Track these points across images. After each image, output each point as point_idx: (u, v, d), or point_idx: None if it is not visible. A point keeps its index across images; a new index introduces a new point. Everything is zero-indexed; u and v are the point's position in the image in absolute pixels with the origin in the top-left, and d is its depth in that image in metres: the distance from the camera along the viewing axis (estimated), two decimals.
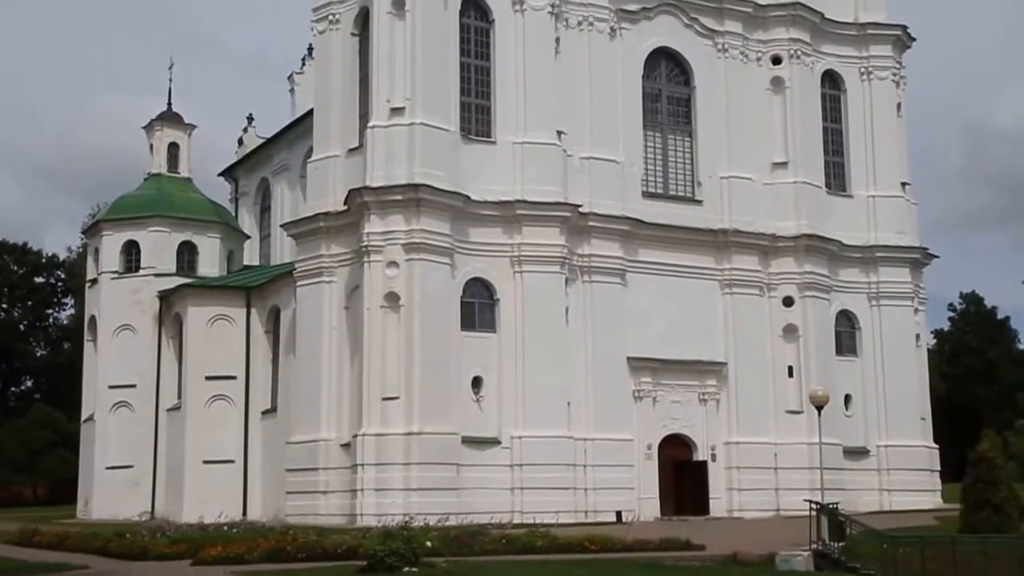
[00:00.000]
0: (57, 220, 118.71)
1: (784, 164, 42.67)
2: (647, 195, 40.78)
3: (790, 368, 41.49)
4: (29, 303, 76.76)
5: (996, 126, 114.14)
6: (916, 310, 45.18)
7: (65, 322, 76.92)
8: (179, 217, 47.56)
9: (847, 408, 42.99)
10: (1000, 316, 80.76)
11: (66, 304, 77.18)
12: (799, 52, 43.36)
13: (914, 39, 46.17)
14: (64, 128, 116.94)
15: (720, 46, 42.65)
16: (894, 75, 45.59)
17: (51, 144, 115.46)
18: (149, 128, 51.09)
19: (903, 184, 45.53)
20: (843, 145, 45.11)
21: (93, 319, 48.04)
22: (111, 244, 47.28)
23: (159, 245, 46.95)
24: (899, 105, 45.70)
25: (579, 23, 39.92)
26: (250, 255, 53.32)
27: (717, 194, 41.80)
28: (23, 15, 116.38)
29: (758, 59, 43.29)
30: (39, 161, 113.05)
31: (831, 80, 45.17)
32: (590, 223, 38.69)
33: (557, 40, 38.90)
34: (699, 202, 41.64)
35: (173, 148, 50.83)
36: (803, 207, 42.39)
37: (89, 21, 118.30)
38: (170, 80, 52.10)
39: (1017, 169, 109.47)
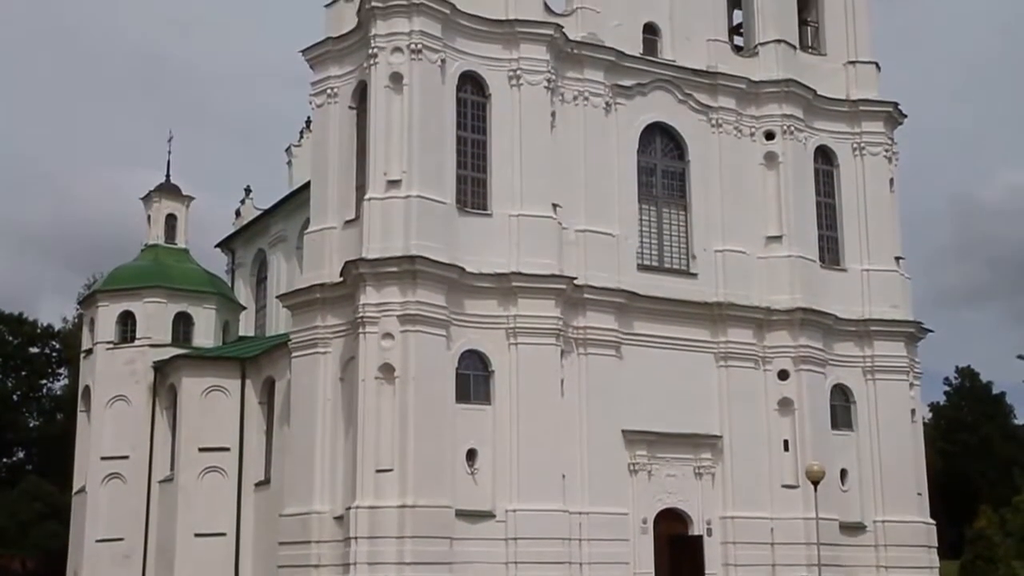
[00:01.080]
0: (50, 290, 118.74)
1: (778, 238, 42.92)
2: (642, 268, 40.95)
3: (785, 442, 41.31)
4: (23, 373, 76.43)
5: (985, 201, 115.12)
6: (911, 384, 45.11)
7: (59, 392, 76.53)
8: (175, 288, 47.63)
9: (843, 483, 42.72)
10: (995, 391, 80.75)
11: (60, 374, 76.89)
12: (792, 128, 43.84)
13: (905, 116, 46.71)
14: (57, 198, 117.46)
15: (714, 121, 43.14)
16: (886, 151, 46.05)
17: (44, 214, 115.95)
18: (147, 199, 51.37)
19: (897, 258, 45.74)
20: (836, 219, 45.40)
21: (87, 390, 47.86)
22: (107, 314, 47.26)
23: (155, 316, 46.94)
24: (891, 180, 46.09)
25: (575, 98, 40.40)
26: (246, 326, 53.33)
27: (712, 267, 41.99)
28: (15, 84, 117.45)
29: (752, 134, 43.76)
30: (32, 231, 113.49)
31: (824, 155, 45.60)
32: (585, 296, 38.80)
33: (553, 115, 39.34)
34: (694, 275, 41.81)
35: (171, 219, 51.06)
36: (797, 281, 42.55)
37: (82, 90, 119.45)
38: (169, 152, 52.50)
39: (1006, 244, 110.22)
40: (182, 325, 47.51)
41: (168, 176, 51.88)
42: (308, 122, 53.08)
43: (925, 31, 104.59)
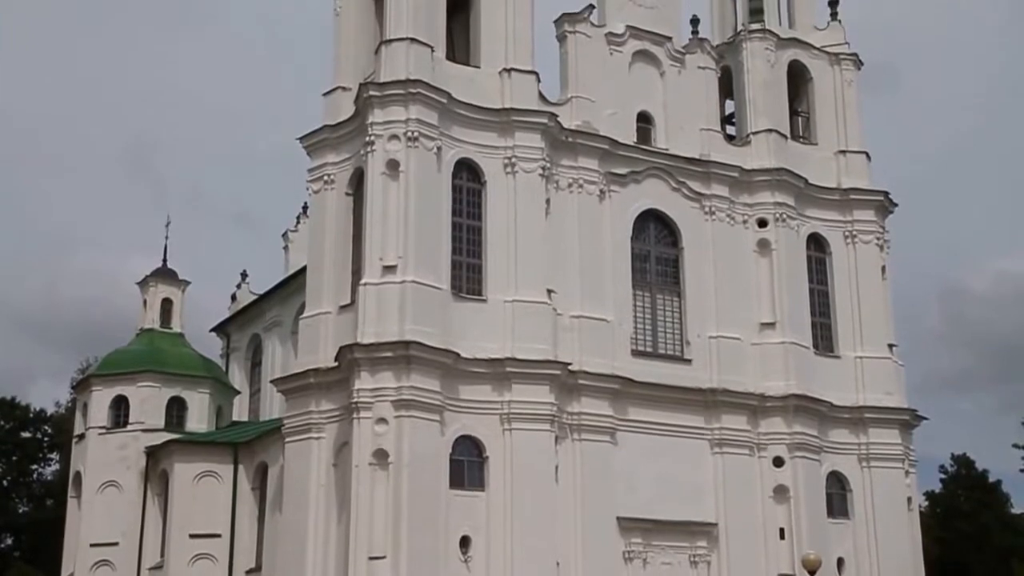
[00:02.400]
0: (43, 374, 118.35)
1: (772, 324, 43.08)
2: (636, 354, 41.00)
3: (781, 530, 41.02)
4: (14, 458, 75.73)
5: (973, 288, 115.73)
6: (907, 472, 44.94)
7: (49, 478, 75.86)
8: (170, 372, 47.62)
9: (840, 572, 42.29)
10: (992, 479, 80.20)
11: (52, 459, 76.20)
12: (784, 215, 44.28)
13: (896, 204, 47.23)
14: (50, 281, 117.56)
15: (707, 209, 43.56)
16: (878, 239, 46.46)
17: (36, 297, 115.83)
18: (143, 284, 51.61)
19: (890, 346, 45.88)
20: (829, 306, 45.62)
21: (78, 475, 47.52)
22: (100, 399, 47.15)
23: (148, 400, 46.86)
24: (883, 268, 46.43)
25: (569, 185, 40.84)
26: (239, 411, 53.19)
27: (706, 353, 42.06)
28: (6, 166, 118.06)
29: (744, 222, 44.17)
30: (24, 314, 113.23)
31: (816, 243, 46.00)
32: (580, 381, 38.80)
33: (548, 201, 39.72)
34: (688, 361, 41.86)
35: (166, 303, 51.24)
36: (791, 367, 42.60)
37: (75, 173, 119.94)
38: (166, 237, 52.92)
39: (996, 331, 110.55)
40: (176, 410, 47.41)
41: (165, 261, 52.19)
42: (305, 208, 53.59)
43: (914, 119, 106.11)
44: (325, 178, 39.60)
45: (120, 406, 46.98)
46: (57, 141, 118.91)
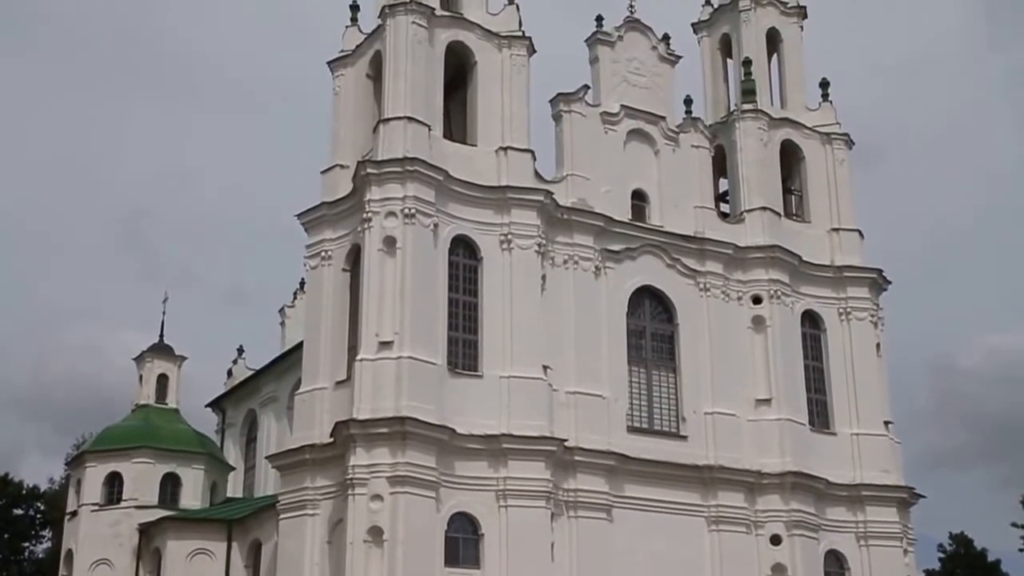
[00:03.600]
0: (36, 450, 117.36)
1: (767, 401, 43.08)
2: (632, 430, 40.95)
3: None
4: (6, 536, 75.11)
5: (964, 365, 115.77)
6: (906, 551, 44.59)
7: (41, 556, 75.12)
8: (164, 448, 47.45)
9: None
10: (991, 558, 79.52)
11: (44, 537, 75.56)
12: (779, 292, 44.52)
13: (890, 282, 47.52)
14: (41, 356, 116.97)
15: (702, 285, 43.81)
16: (872, 316, 46.66)
17: (27, 373, 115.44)
18: (140, 359, 51.67)
19: (886, 423, 45.82)
20: (825, 383, 45.62)
21: (70, 553, 47.10)
22: (94, 475, 46.92)
23: (142, 476, 46.63)
24: (878, 345, 46.55)
25: (565, 262, 41.13)
26: (234, 486, 52.89)
27: (702, 430, 42.00)
28: None
29: (739, 298, 44.40)
30: (15, 390, 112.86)
31: (811, 319, 46.17)
32: (576, 458, 38.70)
33: (543, 278, 39.97)
34: (684, 438, 41.78)
35: (162, 379, 51.27)
36: (788, 444, 42.50)
37: (66, 249, 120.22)
38: (163, 313, 53.13)
39: (989, 408, 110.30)
40: (170, 486, 47.17)
41: (162, 336, 52.32)
42: (302, 283, 53.82)
43: (904, 196, 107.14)
44: (323, 254, 39.91)
45: (114, 482, 46.74)
46: (50, 215, 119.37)
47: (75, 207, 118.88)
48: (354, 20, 43.68)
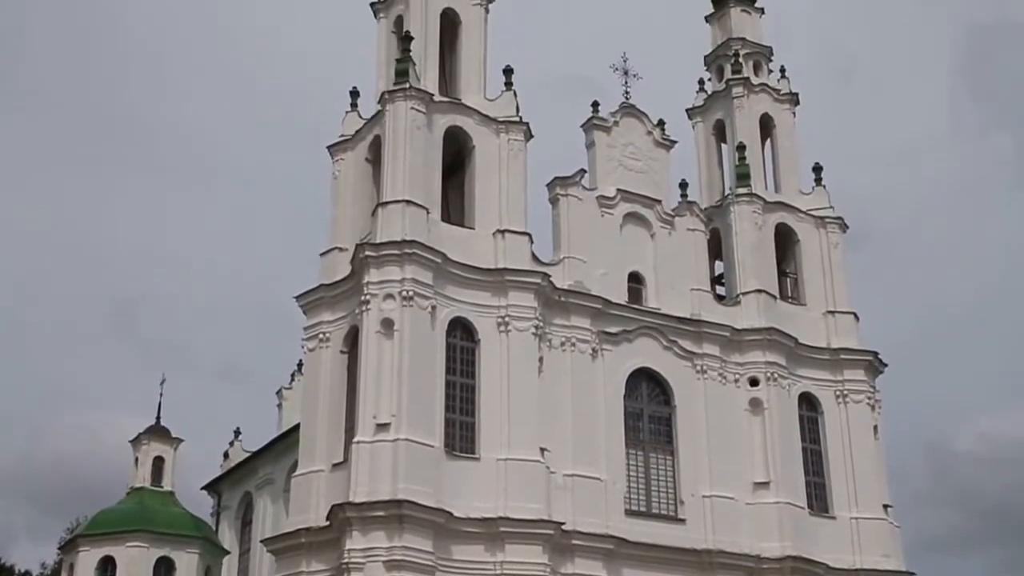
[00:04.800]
0: (26, 534, 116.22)
1: (766, 484, 42.88)
2: (630, 513, 40.70)
3: None
4: None
5: (960, 449, 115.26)
6: None
7: None
8: (159, 532, 47.15)
9: None
10: None
11: None
12: (776, 375, 44.58)
13: (886, 364, 47.59)
14: (32, 439, 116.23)
15: (699, 367, 43.88)
16: (869, 399, 46.64)
17: (19, 455, 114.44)
18: (136, 442, 51.51)
19: (885, 507, 45.56)
20: (823, 466, 45.43)
21: None
22: (87, 560, 46.57)
23: (136, 561, 46.28)
24: (875, 428, 46.47)
25: (562, 344, 41.25)
26: (229, 570, 52.39)
27: (700, 513, 41.74)
28: None
29: (736, 381, 44.43)
30: (6, 473, 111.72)
31: (808, 402, 46.15)
32: (573, 542, 38.40)
33: (541, 360, 40.05)
34: (682, 521, 41.51)
35: (158, 461, 51.10)
36: (787, 528, 42.21)
37: (58, 330, 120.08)
38: (160, 394, 53.12)
39: (984, 492, 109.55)
40: (164, 570, 46.84)
41: (158, 418, 52.22)
42: (299, 365, 53.84)
43: (899, 278, 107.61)
44: (321, 336, 40.04)
45: (107, 567, 46.41)
46: (41, 296, 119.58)
47: (67, 289, 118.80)
48: (354, 105, 44.42)
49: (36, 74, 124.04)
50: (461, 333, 39.60)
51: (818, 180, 50.94)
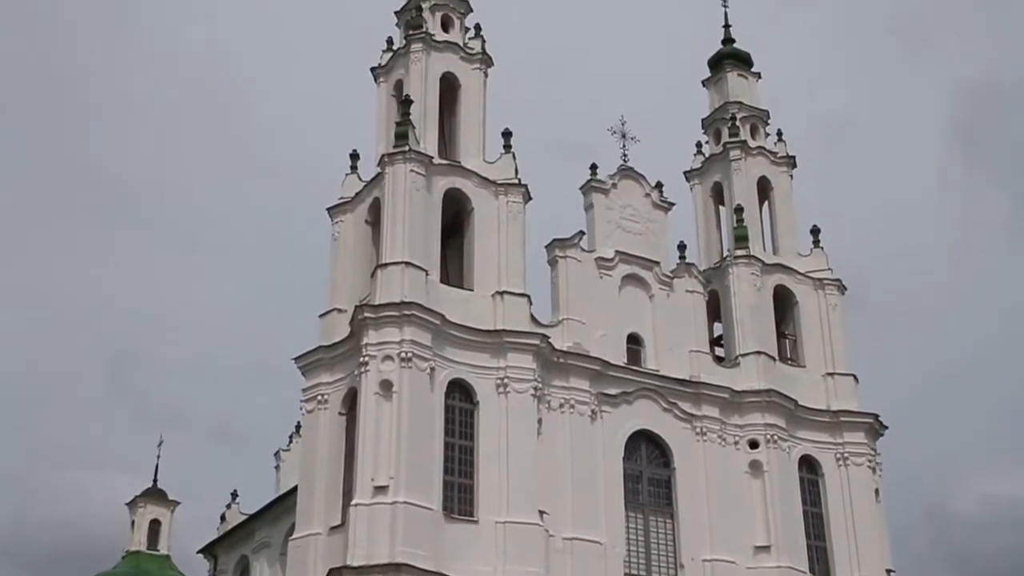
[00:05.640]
0: None
1: (767, 548, 42.52)
2: None
3: None
4: None
5: (959, 512, 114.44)
6: None
7: None
8: None
9: None
10: None
11: None
12: (775, 437, 44.41)
13: (886, 427, 47.41)
14: (23, 500, 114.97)
15: (698, 429, 43.72)
16: (869, 461, 46.38)
17: (10, 517, 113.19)
18: (132, 504, 51.26)
19: (888, 571, 45.12)
20: (824, 529, 45.07)
21: None
22: None
23: None
24: (876, 491, 46.18)
25: (561, 406, 41.16)
26: None
27: None
28: None
29: (736, 443, 44.25)
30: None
31: (808, 464, 45.91)
32: None
33: (539, 421, 39.95)
34: None
35: (154, 524, 50.86)
36: None
37: (51, 390, 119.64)
38: (158, 457, 52.92)
39: (983, 556, 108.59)
40: None
41: (156, 481, 52.00)
42: (298, 427, 53.58)
43: (895, 339, 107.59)
44: (319, 398, 39.99)
45: None
46: (37, 355, 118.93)
47: (60, 351, 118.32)
48: (354, 168, 44.77)
49: (35, 140, 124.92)
50: (460, 395, 39.55)
51: (816, 242, 51.14)
